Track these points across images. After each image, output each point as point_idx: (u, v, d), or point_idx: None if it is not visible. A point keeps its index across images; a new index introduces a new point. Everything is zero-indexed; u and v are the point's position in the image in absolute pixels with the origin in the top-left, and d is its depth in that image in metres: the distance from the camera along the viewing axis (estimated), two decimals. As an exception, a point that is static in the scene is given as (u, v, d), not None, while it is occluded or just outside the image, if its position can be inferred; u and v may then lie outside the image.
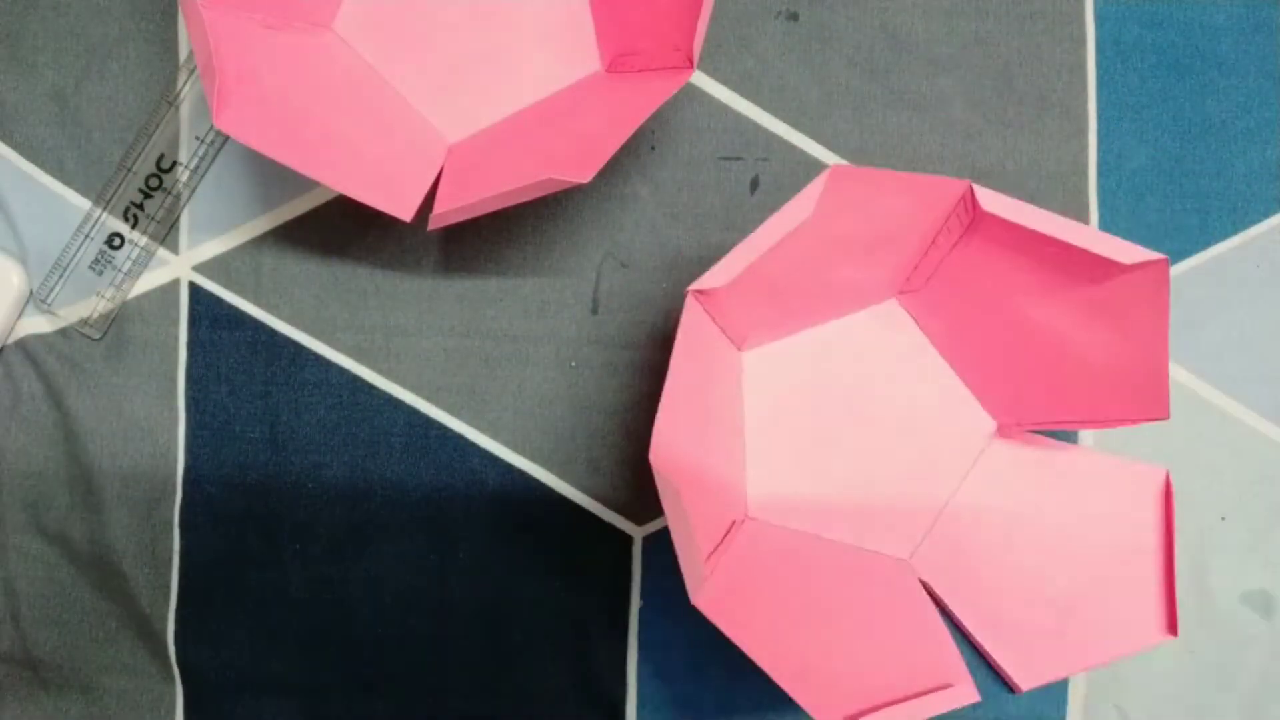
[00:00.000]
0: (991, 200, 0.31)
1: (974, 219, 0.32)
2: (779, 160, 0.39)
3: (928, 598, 0.37)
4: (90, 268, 0.39)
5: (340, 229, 0.40)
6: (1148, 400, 0.32)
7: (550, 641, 0.39)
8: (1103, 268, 0.31)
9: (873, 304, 0.38)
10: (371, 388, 0.39)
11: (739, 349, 0.38)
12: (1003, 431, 0.38)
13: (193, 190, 0.40)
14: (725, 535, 0.35)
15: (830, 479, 0.38)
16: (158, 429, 0.39)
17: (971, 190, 0.31)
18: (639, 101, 0.34)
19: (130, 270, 0.39)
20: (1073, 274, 0.32)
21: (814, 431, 0.38)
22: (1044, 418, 0.36)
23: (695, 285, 0.31)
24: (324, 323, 0.39)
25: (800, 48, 0.40)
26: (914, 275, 0.36)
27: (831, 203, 0.31)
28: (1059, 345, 0.34)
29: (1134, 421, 0.33)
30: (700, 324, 0.33)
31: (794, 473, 0.38)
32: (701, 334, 0.33)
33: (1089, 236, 0.30)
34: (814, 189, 0.30)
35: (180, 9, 0.39)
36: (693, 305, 0.31)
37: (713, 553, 0.33)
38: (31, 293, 0.39)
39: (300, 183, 0.39)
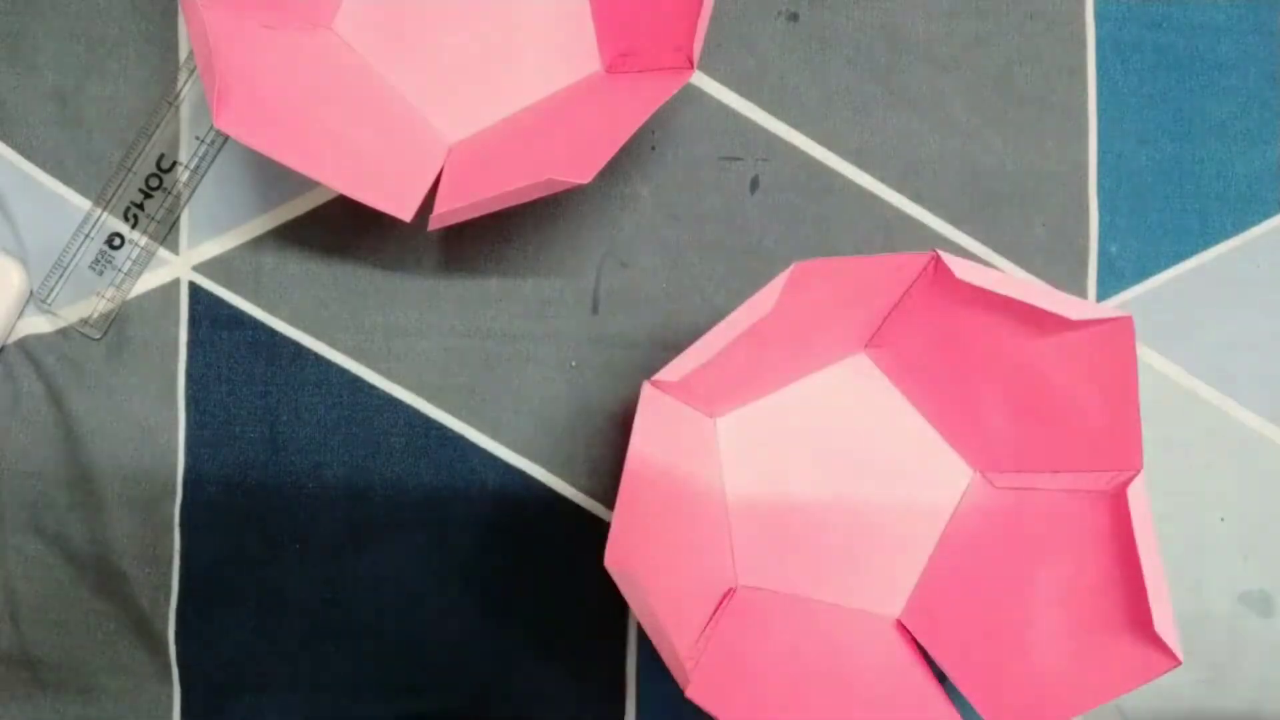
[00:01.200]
0: (961, 268, 0.31)
1: (942, 284, 0.32)
2: (779, 160, 0.39)
3: (915, 658, 0.36)
4: (90, 268, 0.39)
5: (340, 229, 0.40)
6: (1119, 450, 0.32)
7: (549, 641, 0.39)
8: (1069, 324, 0.31)
9: (841, 358, 0.38)
10: (371, 388, 0.39)
11: (710, 417, 0.37)
12: (981, 479, 0.38)
13: (193, 190, 0.40)
14: (716, 610, 0.34)
15: (816, 536, 0.38)
16: (158, 429, 0.39)
17: (938, 258, 0.31)
18: (639, 101, 0.34)
19: (130, 270, 0.39)
20: (1041, 326, 0.32)
21: (797, 489, 0.38)
22: (1017, 465, 0.36)
23: (654, 379, 0.31)
24: (324, 323, 0.39)
25: (800, 48, 0.40)
26: (880, 332, 0.36)
27: (794, 293, 0.31)
28: (1028, 392, 0.34)
29: (1106, 470, 0.33)
30: (661, 409, 0.32)
31: (780, 532, 0.38)
32: (663, 417, 0.33)
33: (1056, 300, 0.30)
34: (775, 285, 0.30)
35: (180, 9, 0.39)
36: (651, 393, 0.31)
37: (700, 634, 0.32)
38: (32, 293, 0.39)
39: (300, 183, 0.39)
